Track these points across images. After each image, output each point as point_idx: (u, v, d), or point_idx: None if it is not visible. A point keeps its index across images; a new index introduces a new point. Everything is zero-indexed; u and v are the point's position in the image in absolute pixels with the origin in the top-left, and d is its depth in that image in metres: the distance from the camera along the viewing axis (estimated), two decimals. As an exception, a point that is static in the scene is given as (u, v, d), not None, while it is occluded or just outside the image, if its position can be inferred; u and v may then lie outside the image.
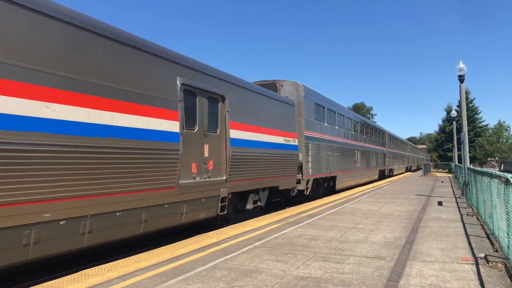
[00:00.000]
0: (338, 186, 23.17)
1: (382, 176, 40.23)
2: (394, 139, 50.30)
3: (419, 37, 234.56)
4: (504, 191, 7.05)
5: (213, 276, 6.53)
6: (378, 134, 39.43)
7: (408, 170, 64.44)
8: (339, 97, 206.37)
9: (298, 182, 17.19)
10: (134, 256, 7.98)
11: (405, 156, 61.41)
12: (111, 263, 7.40)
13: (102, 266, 7.23)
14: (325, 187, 21.25)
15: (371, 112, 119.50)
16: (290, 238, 9.67)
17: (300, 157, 17.24)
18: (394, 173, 48.09)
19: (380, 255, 7.92)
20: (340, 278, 6.39)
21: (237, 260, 7.58)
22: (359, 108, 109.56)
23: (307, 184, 17.92)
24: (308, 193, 18.07)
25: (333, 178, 22.50)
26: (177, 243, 9.22)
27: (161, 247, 8.77)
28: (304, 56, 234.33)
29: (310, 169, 18.26)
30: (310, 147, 18.41)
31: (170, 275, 6.62)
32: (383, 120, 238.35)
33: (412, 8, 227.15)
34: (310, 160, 18.25)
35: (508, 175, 6.80)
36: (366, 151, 31.81)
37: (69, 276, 6.59)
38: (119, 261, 7.58)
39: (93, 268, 7.07)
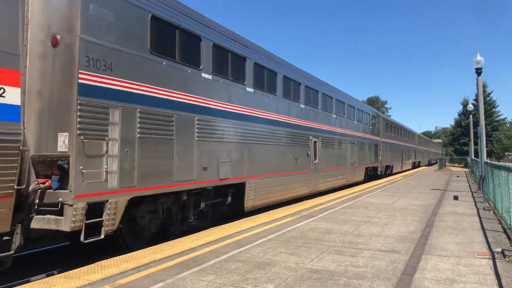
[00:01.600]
0: (253, 202, 12.54)
1: (374, 176, 29.36)
2: (394, 126, 38.45)
3: (434, 30, 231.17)
4: (522, 185, 6.93)
5: (227, 268, 6.57)
6: (365, 117, 27.33)
7: (415, 166, 53.88)
8: (353, 91, 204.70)
9: (25, 217, 7.10)
10: (149, 248, 8.07)
11: (412, 149, 50.17)
12: (126, 255, 7.51)
13: (118, 257, 7.34)
14: (206, 208, 10.86)
15: (385, 105, 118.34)
16: (303, 231, 9.67)
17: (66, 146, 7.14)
18: (395, 170, 36.94)
19: (395, 249, 7.87)
20: (354, 272, 6.37)
21: (251, 252, 7.62)
22: (373, 102, 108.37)
23: (84, 219, 7.12)
24: (103, 235, 7.45)
25: (239, 188, 12.05)
26: (191, 235, 9.30)
27: (176, 240, 8.85)
28: (317, 48, 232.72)
29: (115, 175, 7.76)
30: (118, 119, 7.83)
31: (185, 266, 6.68)
32: (398, 114, 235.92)
33: (427, 2, 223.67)
34: (111, 152, 7.69)
35: (527, 169, 6.68)
36: (336, 139, 20.54)
37: (85, 267, 6.71)
38: (134, 253, 7.68)
39: (109, 260, 7.18)
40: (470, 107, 34.78)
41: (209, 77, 10.67)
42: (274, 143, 14.06)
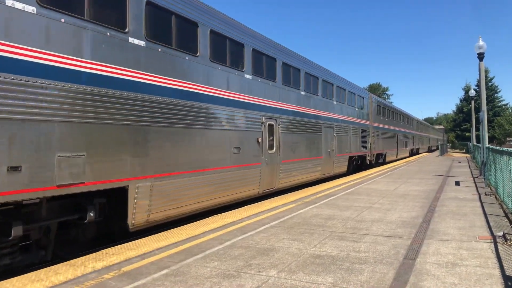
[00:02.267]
0: (149, 216, 8.47)
1: (362, 166, 25.83)
2: (388, 109, 34.61)
3: (435, 16, 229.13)
4: (524, 169, 6.94)
5: (230, 254, 6.64)
6: (350, 98, 23.20)
7: (413, 153, 50.34)
8: (355, 78, 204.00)
9: None
10: (153, 235, 8.14)
11: (409, 135, 46.36)
12: (130, 243, 7.58)
13: (122, 245, 7.41)
14: (37, 234, 6.87)
15: (387, 92, 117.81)
16: (306, 217, 9.73)
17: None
18: (388, 159, 33.47)
19: (397, 234, 7.92)
20: (357, 256, 6.43)
21: (254, 239, 7.68)
22: (375, 89, 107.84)
23: None
24: None
25: (119, 196, 7.98)
26: (194, 222, 9.37)
27: (179, 227, 8.92)
28: (317, 36, 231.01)
29: None
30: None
31: (189, 253, 6.75)
32: (400, 101, 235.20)
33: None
34: None
35: (529, 153, 6.69)
36: (305, 122, 16.35)
37: (91, 255, 6.78)
38: (138, 240, 7.75)
39: (113, 248, 7.25)
40: (472, 92, 34.68)
41: (33, 9, 6.37)
42: (192, 126, 9.72)
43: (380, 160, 30.57)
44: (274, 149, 13.67)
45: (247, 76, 12.30)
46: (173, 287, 5.22)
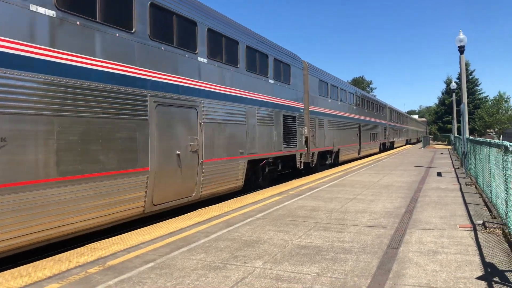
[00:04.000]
0: None
1: (295, 171, 18.14)
2: (338, 89, 24.81)
3: (417, 9, 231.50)
4: (503, 159, 7.11)
5: (216, 247, 6.66)
6: (252, 61, 13.79)
7: (386, 148, 42.36)
8: (338, 71, 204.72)
9: None
10: (138, 229, 8.12)
11: (379, 126, 38.03)
12: (116, 237, 7.53)
13: (107, 240, 7.36)
14: None
15: (371, 86, 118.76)
16: (291, 209, 9.80)
17: None
18: (345, 157, 24.91)
19: (380, 224, 8.05)
20: (341, 247, 6.52)
21: (240, 231, 7.72)
22: (358, 82, 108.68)
23: None
24: None
25: None
26: (180, 216, 9.37)
27: (165, 221, 8.91)
28: (304, 29, 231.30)
29: None
30: None
31: (174, 246, 6.75)
32: (383, 94, 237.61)
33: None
34: None
35: (507, 143, 6.86)
36: (54, 91, 6.62)
37: (75, 250, 6.72)
38: (123, 235, 7.71)
39: (98, 242, 7.20)
40: (453, 85, 35.17)
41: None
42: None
43: (328, 160, 22.14)
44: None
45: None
46: (158, 280, 5.22)
